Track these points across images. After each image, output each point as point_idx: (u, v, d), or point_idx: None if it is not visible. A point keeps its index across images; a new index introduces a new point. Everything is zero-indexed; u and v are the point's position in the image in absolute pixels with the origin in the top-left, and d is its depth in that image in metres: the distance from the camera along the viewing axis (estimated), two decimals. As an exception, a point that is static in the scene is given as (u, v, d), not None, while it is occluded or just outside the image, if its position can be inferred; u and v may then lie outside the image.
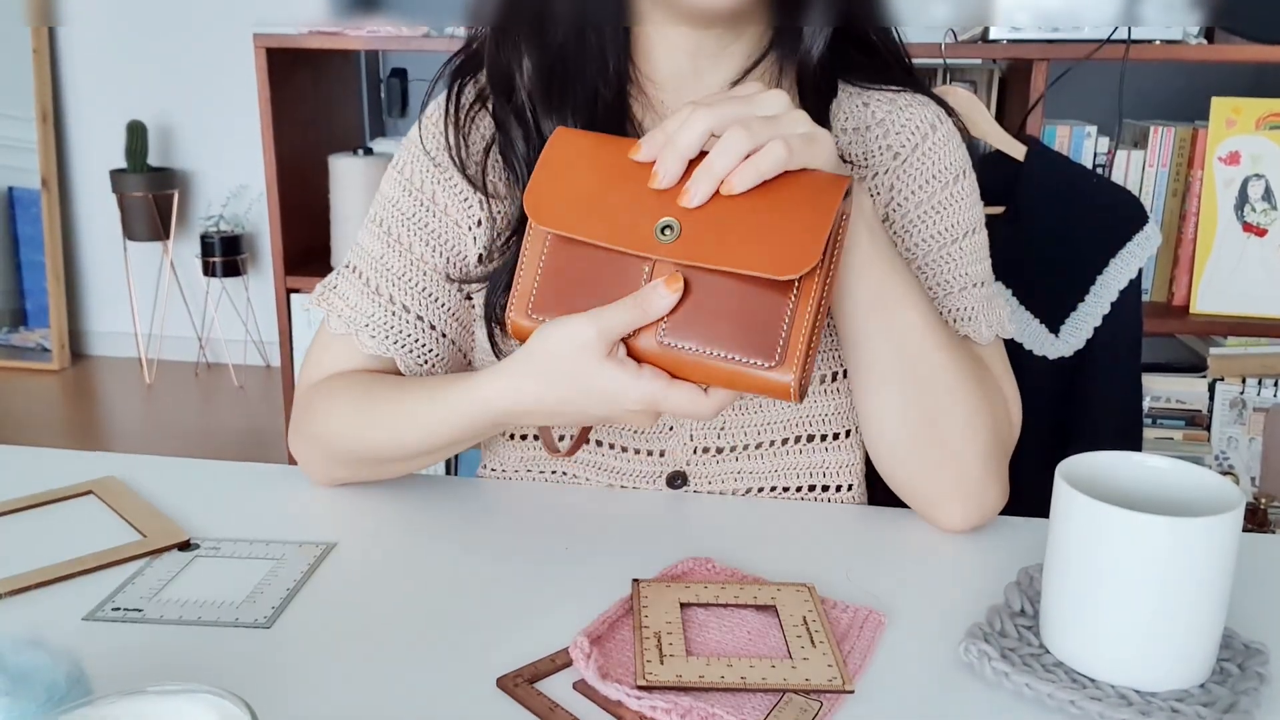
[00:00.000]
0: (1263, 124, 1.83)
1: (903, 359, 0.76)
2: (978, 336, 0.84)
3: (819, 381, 0.86)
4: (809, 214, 0.64)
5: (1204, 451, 1.98)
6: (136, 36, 3.45)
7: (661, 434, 0.86)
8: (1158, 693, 0.58)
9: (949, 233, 0.84)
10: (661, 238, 0.65)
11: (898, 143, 0.84)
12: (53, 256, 3.60)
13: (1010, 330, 0.87)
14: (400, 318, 0.85)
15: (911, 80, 0.87)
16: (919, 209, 0.84)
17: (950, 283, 0.84)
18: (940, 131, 0.85)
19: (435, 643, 0.64)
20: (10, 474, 0.87)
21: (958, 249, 0.84)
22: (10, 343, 3.67)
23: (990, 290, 0.86)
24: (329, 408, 0.83)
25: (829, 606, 0.68)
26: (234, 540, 0.76)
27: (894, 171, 0.84)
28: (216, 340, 3.63)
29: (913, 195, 0.84)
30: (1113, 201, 1.34)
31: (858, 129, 0.85)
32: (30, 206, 3.60)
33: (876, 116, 0.85)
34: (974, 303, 0.84)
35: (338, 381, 0.85)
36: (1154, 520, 0.56)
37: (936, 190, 0.84)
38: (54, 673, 0.49)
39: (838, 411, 0.87)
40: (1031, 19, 1.78)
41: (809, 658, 0.62)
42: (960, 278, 0.84)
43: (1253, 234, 1.86)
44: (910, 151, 0.84)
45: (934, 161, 0.84)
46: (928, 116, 0.85)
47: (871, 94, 0.86)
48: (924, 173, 0.84)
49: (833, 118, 0.84)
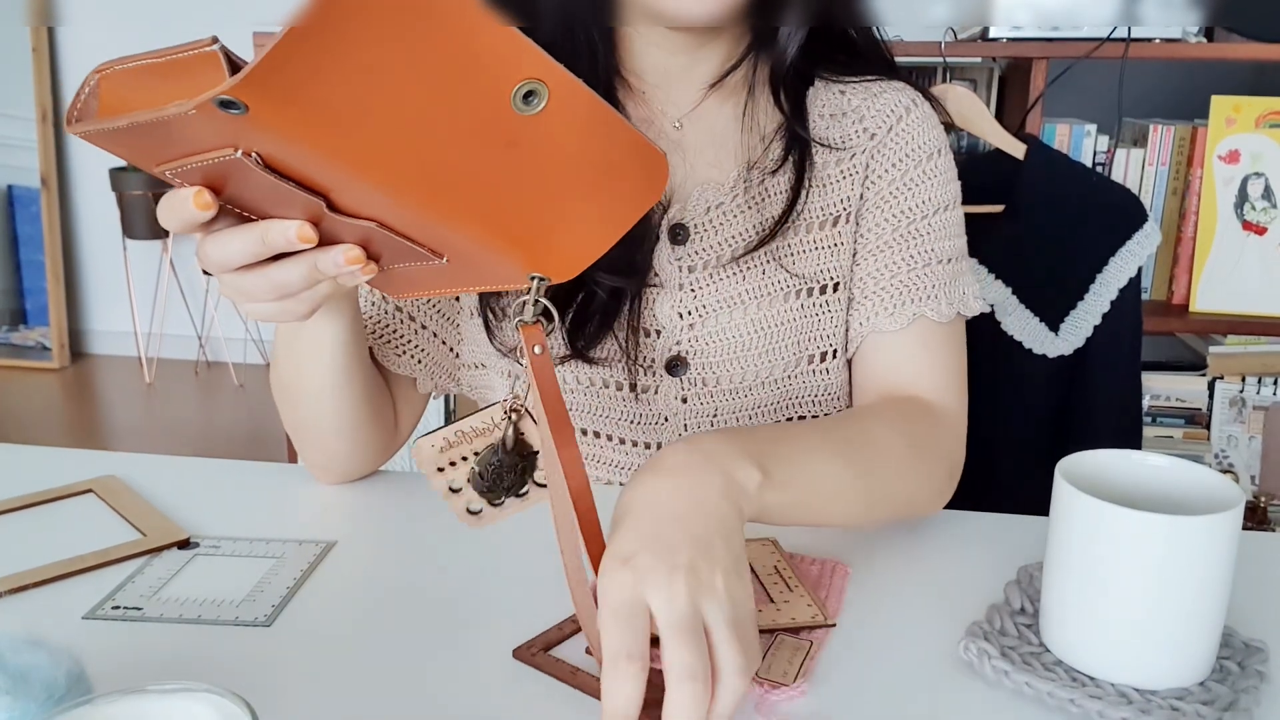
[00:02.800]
0: (1262, 122, 1.83)
1: (840, 516, 0.73)
2: (936, 315, 0.85)
3: (806, 362, 0.87)
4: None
5: (1204, 450, 1.98)
6: (136, 36, 3.45)
7: (657, 425, 0.87)
8: (1157, 691, 0.58)
9: (919, 209, 0.86)
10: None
11: (874, 125, 0.87)
12: (52, 255, 3.60)
13: (977, 308, 0.88)
14: (379, 308, 0.86)
15: (891, 72, 0.89)
16: (891, 185, 0.86)
17: (915, 258, 0.86)
18: (915, 114, 0.87)
19: (435, 642, 0.64)
20: (10, 473, 0.87)
21: (926, 224, 0.86)
22: (10, 342, 3.67)
23: (960, 267, 0.88)
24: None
25: (797, 561, 0.73)
26: (234, 539, 0.76)
27: (870, 151, 0.87)
28: (216, 339, 3.63)
29: (886, 173, 0.86)
30: (1112, 200, 1.34)
31: (834, 115, 0.88)
32: (30, 205, 3.60)
33: (853, 104, 0.88)
34: (937, 279, 0.85)
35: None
36: (1154, 519, 0.56)
37: (910, 168, 0.86)
38: (54, 672, 0.49)
39: (826, 393, 0.89)
40: (1031, 18, 1.78)
41: (789, 601, 0.67)
42: (925, 253, 0.86)
43: (1252, 232, 1.86)
44: (885, 132, 0.87)
45: (908, 140, 0.87)
46: (903, 100, 0.87)
47: (848, 84, 0.89)
48: (898, 151, 0.86)
49: (809, 106, 0.87)
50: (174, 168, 0.52)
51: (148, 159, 0.52)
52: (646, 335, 0.86)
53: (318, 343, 0.76)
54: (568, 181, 0.53)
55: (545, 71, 0.48)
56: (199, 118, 0.46)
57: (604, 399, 0.87)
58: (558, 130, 0.50)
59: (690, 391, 0.87)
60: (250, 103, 0.44)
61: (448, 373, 0.91)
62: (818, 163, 0.86)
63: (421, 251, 0.55)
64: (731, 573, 0.55)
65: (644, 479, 0.59)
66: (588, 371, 0.86)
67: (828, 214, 0.87)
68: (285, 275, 0.57)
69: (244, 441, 3.07)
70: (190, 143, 0.49)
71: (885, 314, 0.85)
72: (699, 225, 0.85)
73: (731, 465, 0.60)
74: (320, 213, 0.53)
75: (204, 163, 0.50)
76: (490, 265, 0.57)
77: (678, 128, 0.87)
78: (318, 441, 0.83)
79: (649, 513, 0.57)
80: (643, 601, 0.52)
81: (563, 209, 0.54)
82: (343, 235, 0.55)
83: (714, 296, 0.85)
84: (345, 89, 0.45)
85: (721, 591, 0.54)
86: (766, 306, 0.85)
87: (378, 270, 0.58)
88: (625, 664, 0.51)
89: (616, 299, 0.83)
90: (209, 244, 0.57)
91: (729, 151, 0.87)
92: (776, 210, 0.85)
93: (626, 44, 0.86)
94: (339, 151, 0.48)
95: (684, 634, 0.52)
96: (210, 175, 0.52)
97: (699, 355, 0.86)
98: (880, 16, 0.89)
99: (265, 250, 0.56)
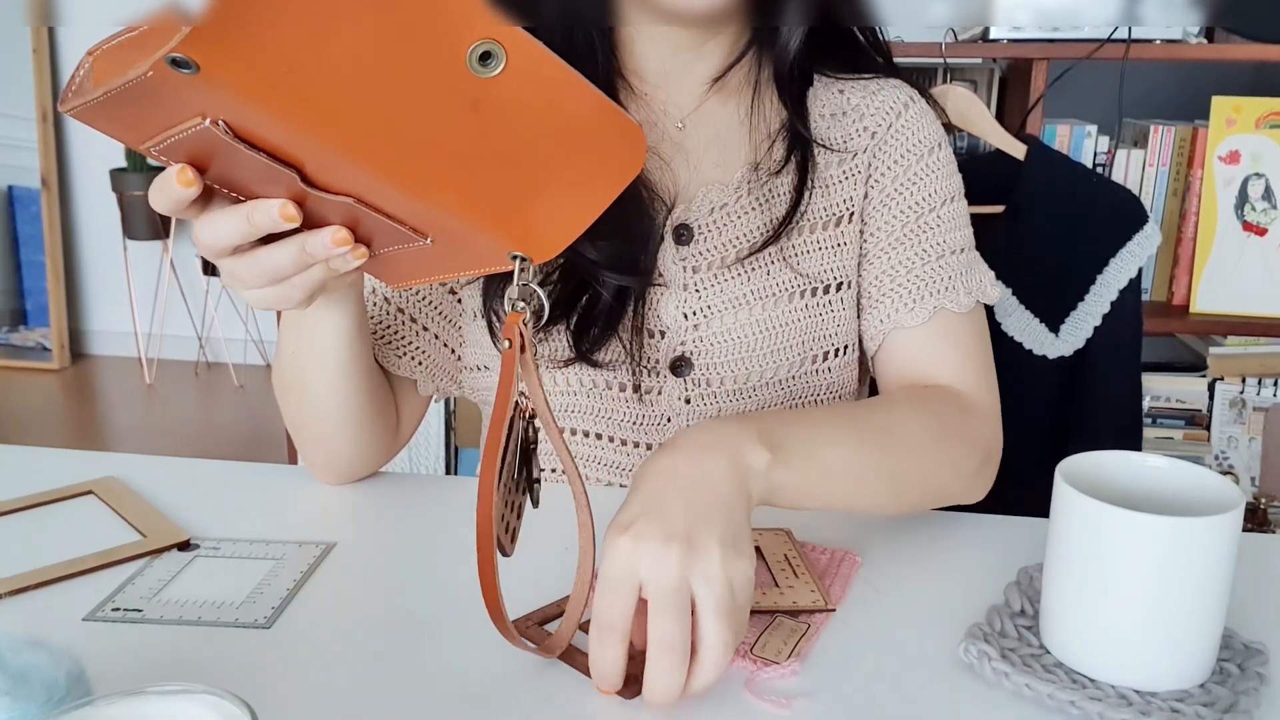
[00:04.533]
0: (1263, 123, 1.83)
1: (863, 499, 0.74)
2: (955, 305, 0.85)
3: (811, 362, 0.87)
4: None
5: (1204, 451, 1.98)
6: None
7: (660, 426, 0.87)
8: (1157, 693, 0.58)
9: (926, 202, 0.87)
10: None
11: (873, 123, 0.88)
12: (53, 256, 3.60)
13: (994, 295, 0.88)
14: (381, 309, 0.86)
15: (888, 69, 0.90)
16: (895, 182, 0.87)
17: (928, 251, 0.86)
18: (913, 109, 0.88)
19: (435, 643, 0.64)
20: (10, 474, 0.87)
21: (935, 217, 0.87)
22: (10, 342, 3.67)
23: (970, 257, 0.88)
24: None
25: (808, 549, 0.75)
26: (234, 540, 0.76)
27: (871, 150, 0.88)
28: (216, 339, 3.63)
29: (889, 170, 0.87)
30: (1113, 201, 1.34)
31: (835, 115, 0.88)
32: (30, 206, 3.60)
33: (852, 102, 0.89)
34: (952, 270, 0.86)
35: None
36: (1154, 520, 0.56)
37: (912, 163, 0.87)
38: (54, 672, 0.49)
39: (830, 391, 0.89)
40: (1031, 18, 1.78)
41: (794, 586, 0.69)
42: (937, 245, 0.86)
43: (1253, 233, 1.86)
44: (885, 130, 0.87)
45: (909, 136, 0.87)
46: (900, 97, 0.89)
47: (846, 82, 0.89)
48: (899, 147, 0.87)
49: (810, 106, 0.88)
50: (156, 144, 0.52)
51: (134, 136, 0.53)
52: (651, 336, 0.86)
53: (321, 337, 0.76)
54: (538, 150, 0.53)
55: (502, 33, 0.49)
56: (164, 85, 0.46)
57: (607, 401, 0.87)
58: (521, 94, 0.51)
59: (694, 392, 0.87)
60: (200, 60, 0.45)
61: (449, 375, 0.91)
62: (820, 163, 0.87)
63: (404, 231, 0.56)
64: (729, 547, 0.56)
65: (657, 455, 0.62)
66: (591, 374, 0.86)
67: (831, 214, 0.87)
68: (275, 258, 0.59)
69: (244, 442, 3.07)
70: (165, 116, 0.50)
71: (905, 309, 0.85)
72: (703, 226, 0.85)
73: (740, 445, 0.62)
74: (301, 191, 0.54)
75: (179, 135, 0.51)
76: (473, 245, 0.57)
77: (680, 129, 0.87)
78: (318, 440, 0.83)
79: (654, 484, 0.60)
80: (636, 570, 0.55)
81: (537, 181, 0.55)
82: (329, 217, 0.56)
83: (718, 297, 0.85)
84: (294, 43, 0.46)
85: (715, 566, 0.55)
86: (771, 307, 0.85)
87: (367, 254, 0.59)
88: (612, 631, 0.55)
89: (621, 300, 0.83)
90: (200, 226, 0.58)
91: (732, 151, 0.87)
92: (780, 211, 0.85)
93: (627, 44, 0.86)
94: (297, 112, 0.48)
95: (669, 605, 0.54)
96: (191, 152, 0.53)
97: (703, 356, 0.86)
98: (880, 16, 0.89)
99: (253, 230, 0.57)
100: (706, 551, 0.56)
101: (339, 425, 0.81)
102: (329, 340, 0.76)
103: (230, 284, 0.63)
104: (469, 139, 0.52)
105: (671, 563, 0.55)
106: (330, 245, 0.57)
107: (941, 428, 0.78)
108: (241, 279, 0.61)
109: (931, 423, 0.78)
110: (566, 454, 0.60)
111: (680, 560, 0.55)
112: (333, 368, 0.78)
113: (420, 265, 0.61)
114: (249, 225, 0.56)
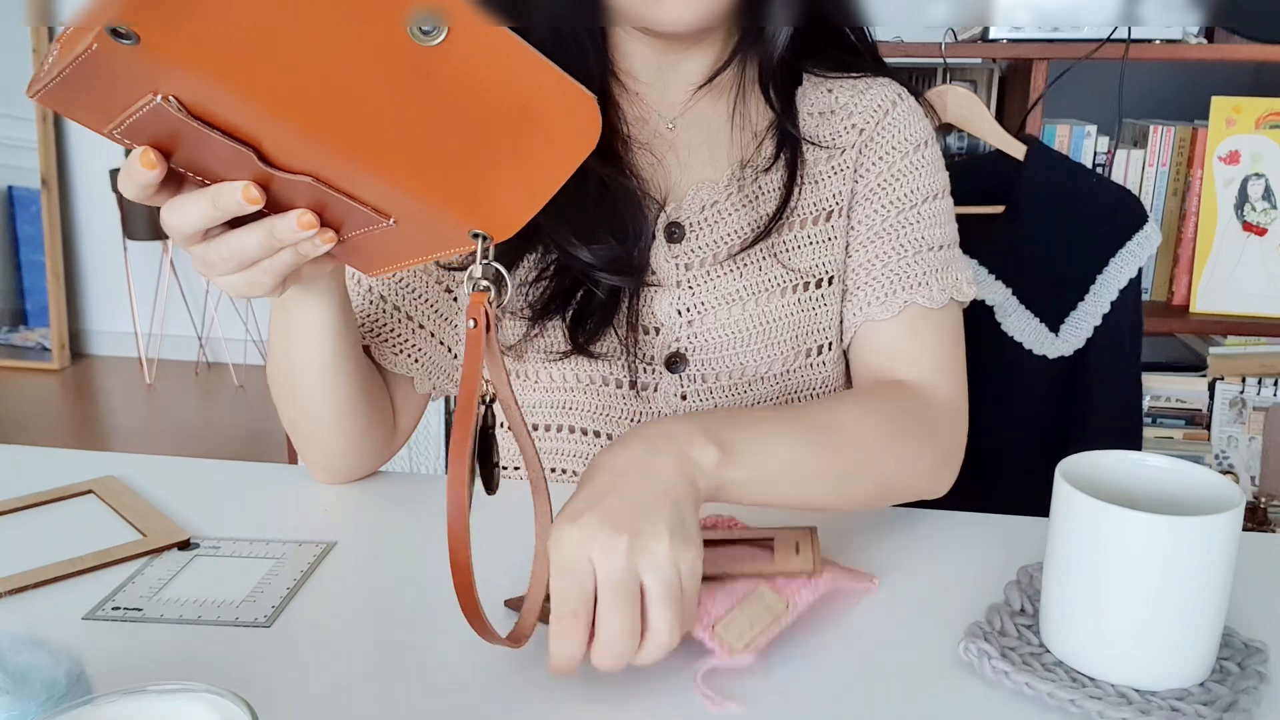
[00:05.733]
0: (1263, 123, 1.83)
1: (811, 496, 0.73)
2: (927, 301, 0.85)
3: (804, 356, 0.88)
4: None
5: (1204, 451, 1.98)
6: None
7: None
8: (1157, 691, 0.58)
9: (909, 198, 0.87)
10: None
11: (861, 120, 0.88)
12: (53, 256, 3.60)
13: (970, 293, 0.88)
14: (378, 306, 0.87)
15: (877, 68, 0.91)
16: (880, 178, 0.87)
17: (905, 246, 0.86)
18: (901, 107, 0.89)
19: (435, 642, 0.64)
20: (10, 474, 0.87)
21: (916, 214, 0.87)
22: (10, 342, 3.67)
23: (950, 254, 0.88)
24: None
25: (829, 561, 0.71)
26: (234, 540, 0.77)
27: (858, 146, 0.88)
28: (216, 339, 3.63)
29: (875, 166, 0.88)
30: (1112, 201, 1.34)
31: (823, 113, 0.89)
32: (30, 206, 3.60)
33: (840, 101, 0.89)
34: (928, 267, 0.86)
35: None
36: (1154, 519, 0.56)
37: (897, 160, 0.87)
38: (54, 672, 0.49)
39: (824, 386, 0.90)
40: (1031, 18, 1.78)
41: (790, 561, 0.67)
42: (915, 241, 0.86)
43: (1252, 233, 1.86)
44: (873, 127, 0.88)
45: (895, 132, 0.88)
46: (888, 94, 0.89)
47: (835, 81, 0.90)
48: (886, 143, 0.88)
49: (799, 104, 0.88)
50: (117, 126, 0.53)
51: (97, 119, 0.53)
52: (646, 332, 0.86)
53: (305, 331, 0.76)
54: (490, 123, 0.54)
55: (440, 1, 0.49)
56: (113, 61, 0.47)
57: (604, 397, 0.87)
58: (467, 63, 0.51)
59: (690, 388, 0.87)
60: (140, 30, 0.45)
61: (446, 373, 0.91)
62: (809, 160, 0.87)
63: (367, 213, 0.56)
64: (677, 538, 0.58)
65: (607, 451, 0.63)
66: (588, 369, 0.86)
67: (820, 209, 0.87)
68: (244, 242, 0.60)
69: (244, 442, 3.07)
70: (121, 95, 0.50)
71: (877, 303, 0.86)
72: (694, 223, 0.86)
73: (689, 442, 0.63)
74: (264, 173, 0.54)
75: (136, 114, 0.51)
76: (434, 225, 0.58)
77: (671, 128, 0.87)
78: (315, 438, 0.83)
79: (603, 478, 0.61)
80: (586, 559, 0.56)
81: (492, 155, 0.55)
82: (295, 201, 0.57)
83: (711, 293, 0.85)
84: (230, 10, 0.46)
85: (662, 555, 0.57)
86: (764, 302, 0.86)
87: (335, 238, 0.59)
88: (570, 620, 0.56)
89: (615, 297, 0.84)
90: (167, 211, 0.59)
91: (722, 150, 0.88)
92: (770, 207, 0.86)
93: (617, 43, 0.86)
94: (242, 83, 0.48)
95: (617, 593, 0.56)
96: (154, 135, 0.54)
97: (698, 351, 0.86)
98: (873, 16, 0.90)
99: (218, 213, 0.58)
100: (654, 540, 0.57)
101: (331, 422, 0.82)
102: (313, 334, 0.76)
103: (201, 269, 0.63)
104: (420, 111, 0.52)
105: (620, 551, 0.56)
106: (296, 229, 0.58)
107: (895, 425, 0.78)
108: (211, 264, 0.62)
109: (884, 420, 0.77)
110: (527, 438, 0.61)
111: (629, 549, 0.56)
112: (320, 363, 0.78)
113: (389, 249, 0.62)
114: (214, 209, 0.57)
